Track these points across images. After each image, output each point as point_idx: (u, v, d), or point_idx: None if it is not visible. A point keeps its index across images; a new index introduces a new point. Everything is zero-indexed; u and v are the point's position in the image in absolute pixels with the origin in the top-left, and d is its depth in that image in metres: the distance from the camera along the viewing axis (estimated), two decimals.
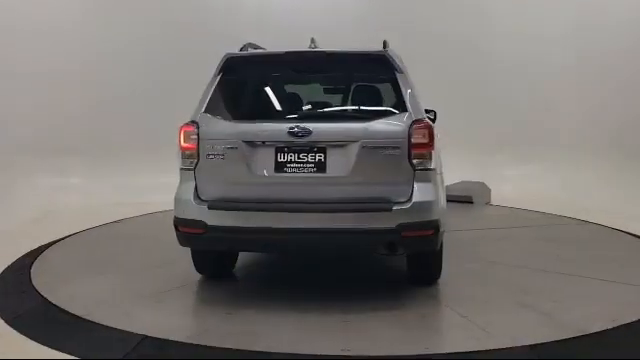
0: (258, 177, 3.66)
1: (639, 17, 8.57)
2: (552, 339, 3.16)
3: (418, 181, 3.56)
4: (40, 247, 5.36)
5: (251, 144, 3.69)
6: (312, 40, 4.36)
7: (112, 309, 3.71)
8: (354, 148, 3.56)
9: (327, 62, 4.07)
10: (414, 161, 3.56)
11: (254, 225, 3.57)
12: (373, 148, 3.55)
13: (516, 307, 3.73)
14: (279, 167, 3.64)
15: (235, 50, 4.21)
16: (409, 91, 3.77)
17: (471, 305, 3.76)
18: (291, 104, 4.19)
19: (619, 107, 8.63)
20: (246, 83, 4.14)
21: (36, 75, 8.08)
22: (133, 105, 8.63)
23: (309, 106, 4.28)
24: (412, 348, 3.09)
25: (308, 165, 3.60)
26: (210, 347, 3.13)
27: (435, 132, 3.73)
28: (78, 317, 3.56)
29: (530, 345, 3.09)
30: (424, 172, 3.59)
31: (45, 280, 4.34)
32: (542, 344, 3.10)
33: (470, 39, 9.45)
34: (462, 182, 8.66)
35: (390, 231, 3.46)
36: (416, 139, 3.56)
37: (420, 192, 3.54)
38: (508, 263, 4.87)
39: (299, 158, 3.61)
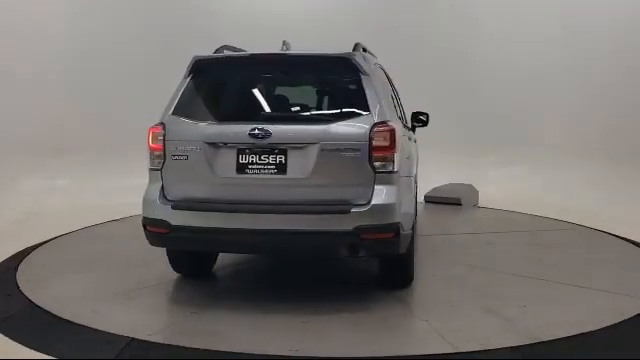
0: (220, 178, 3.68)
1: (623, 19, 8.52)
2: (505, 345, 3.16)
3: (379, 184, 3.54)
4: (26, 249, 5.41)
5: (214, 145, 3.71)
6: (284, 42, 4.39)
7: (87, 309, 3.75)
8: (314, 150, 3.55)
9: (292, 64, 4.09)
10: (375, 164, 3.53)
11: (215, 226, 3.59)
12: (333, 150, 3.53)
13: (481, 312, 3.71)
14: (241, 168, 3.66)
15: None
16: (373, 93, 3.73)
17: (437, 310, 3.76)
18: (255, 106, 4.19)
19: (603, 109, 8.58)
20: (213, 85, 4.15)
21: (20, 76, 8.11)
22: (120, 107, 8.64)
23: (275, 108, 4.26)
24: (364, 350, 3.11)
25: (269, 167, 3.61)
26: (184, 347, 3.15)
27: (398, 134, 3.70)
28: (60, 318, 3.60)
29: (512, 347, 3.13)
30: (385, 175, 3.55)
31: (30, 282, 4.38)
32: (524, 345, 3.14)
33: (456, 42, 9.44)
34: (450, 184, 8.63)
35: (348, 233, 3.45)
36: (377, 142, 3.53)
37: (380, 195, 3.52)
38: (489, 268, 4.84)
39: (260, 160, 3.62)
